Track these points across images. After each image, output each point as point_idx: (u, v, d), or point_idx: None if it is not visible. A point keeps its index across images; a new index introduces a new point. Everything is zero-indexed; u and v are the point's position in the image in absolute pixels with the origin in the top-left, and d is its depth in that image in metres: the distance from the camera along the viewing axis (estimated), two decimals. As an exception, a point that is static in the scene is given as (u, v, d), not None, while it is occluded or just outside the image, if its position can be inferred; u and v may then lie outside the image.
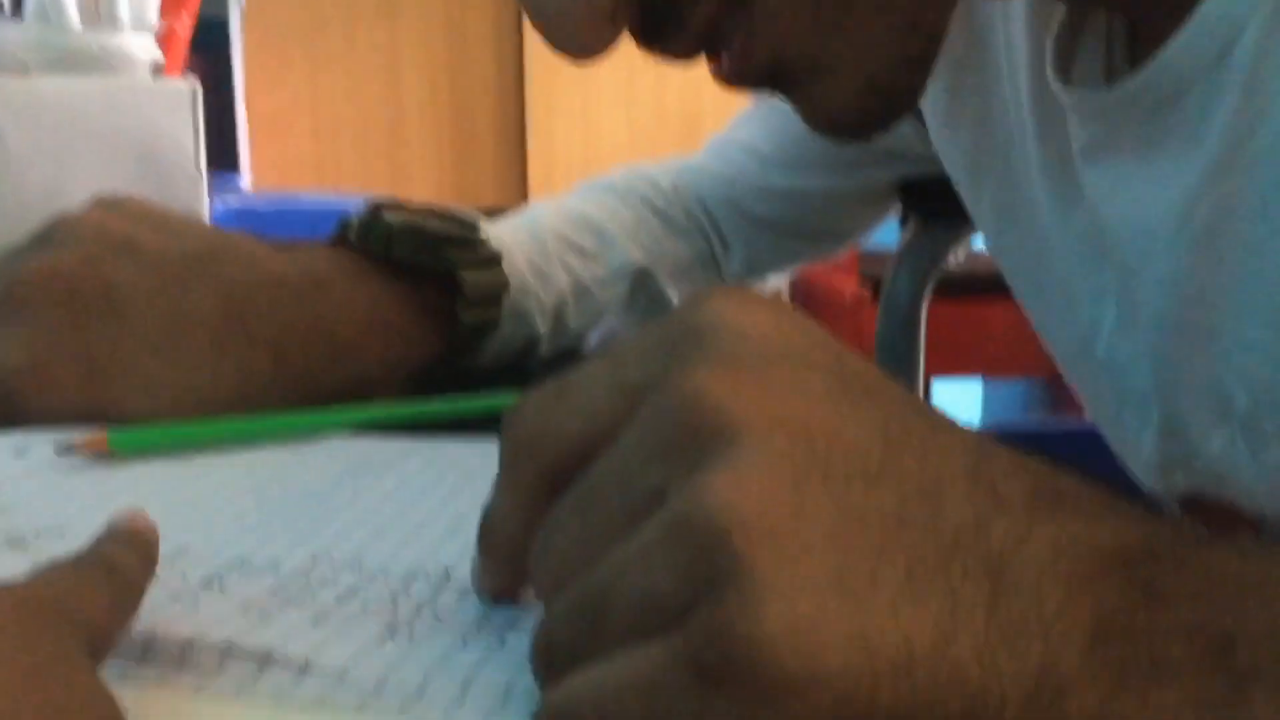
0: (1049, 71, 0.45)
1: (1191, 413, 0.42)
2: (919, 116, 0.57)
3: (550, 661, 0.25)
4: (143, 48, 0.66)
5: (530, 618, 0.31)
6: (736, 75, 0.41)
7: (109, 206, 0.52)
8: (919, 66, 0.41)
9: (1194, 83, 0.38)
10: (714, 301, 0.27)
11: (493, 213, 0.69)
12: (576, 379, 0.28)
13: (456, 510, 0.39)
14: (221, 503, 0.40)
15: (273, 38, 3.18)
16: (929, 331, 0.84)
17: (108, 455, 0.43)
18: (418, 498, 0.40)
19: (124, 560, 0.28)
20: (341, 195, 2.16)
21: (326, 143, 3.24)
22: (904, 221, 0.85)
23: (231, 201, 1.65)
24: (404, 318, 0.56)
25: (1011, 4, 0.47)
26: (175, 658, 0.28)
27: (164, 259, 0.50)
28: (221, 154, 3.29)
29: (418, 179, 3.13)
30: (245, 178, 3.24)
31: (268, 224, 1.63)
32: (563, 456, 0.28)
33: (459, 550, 0.35)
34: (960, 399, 2.60)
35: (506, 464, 0.29)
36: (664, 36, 0.40)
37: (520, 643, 0.29)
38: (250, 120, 3.27)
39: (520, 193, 2.88)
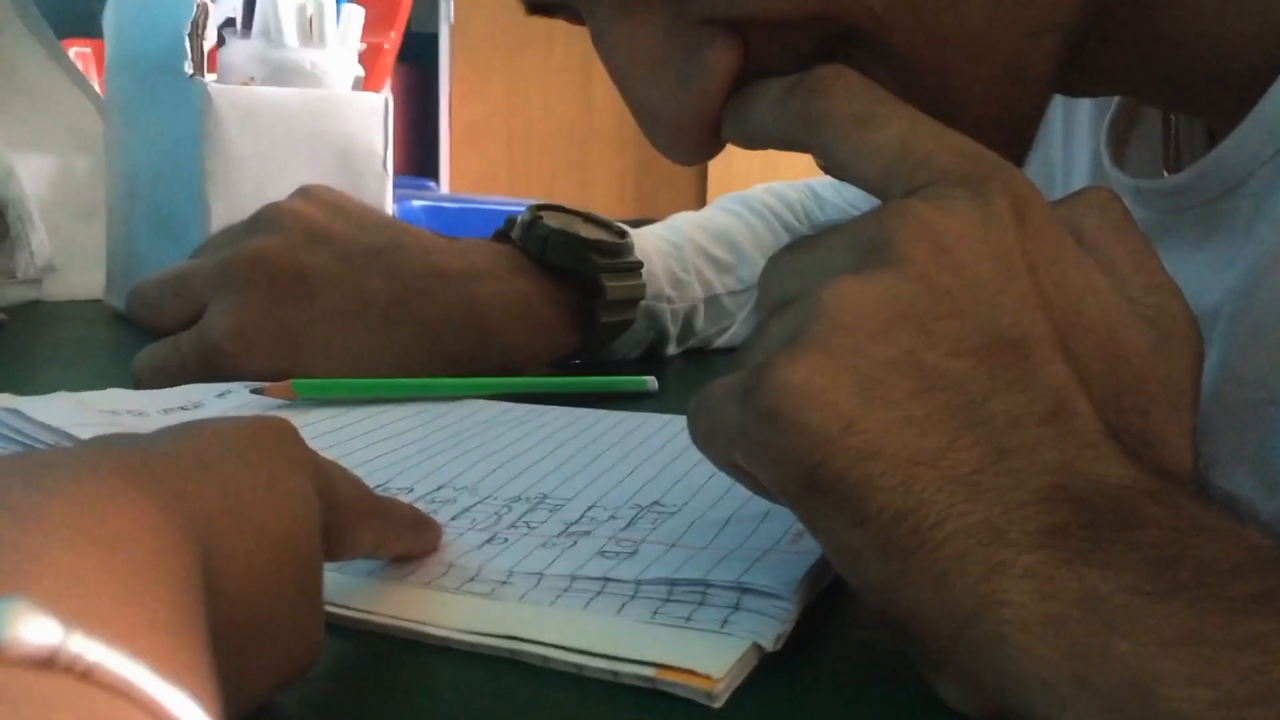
0: (1104, 156, 0.48)
1: (1235, 486, 0.42)
2: None
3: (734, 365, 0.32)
4: (347, 64, 0.76)
5: (601, 527, 0.39)
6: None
7: (309, 196, 0.61)
8: (1019, 161, 0.42)
9: (1250, 176, 0.41)
10: (1005, 184, 0.31)
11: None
12: (889, 124, 0.33)
13: (563, 456, 0.47)
14: (377, 441, 0.48)
15: (477, 53, 3.34)
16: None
17: (293, 399, 0.52)
18: (532, 446, 0.49)
19: (393, 503, 0.35)
20: (524, 200, 2.28)
21: (519, 153, 3.37)
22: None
23: (421, 202, 1.78)
24: (549, 313, 0.64)
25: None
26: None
27: (351, 248, 0.59)
28: (424, 160, 3.48)
29: (601, 191, 3.23)
30: (443, 182, 3.41)
31: (450, 221, 1.76)
32: (828, 158, 0.34)
33: (556, 483, 0.43)
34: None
35: (806, 98, 0.34)
36: None
37: (589, 546, 0.37)
38: (452, 129, 3.44)
39: (699, 207, 2.95)
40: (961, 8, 0.36)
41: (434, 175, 3.39)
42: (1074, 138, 0.52)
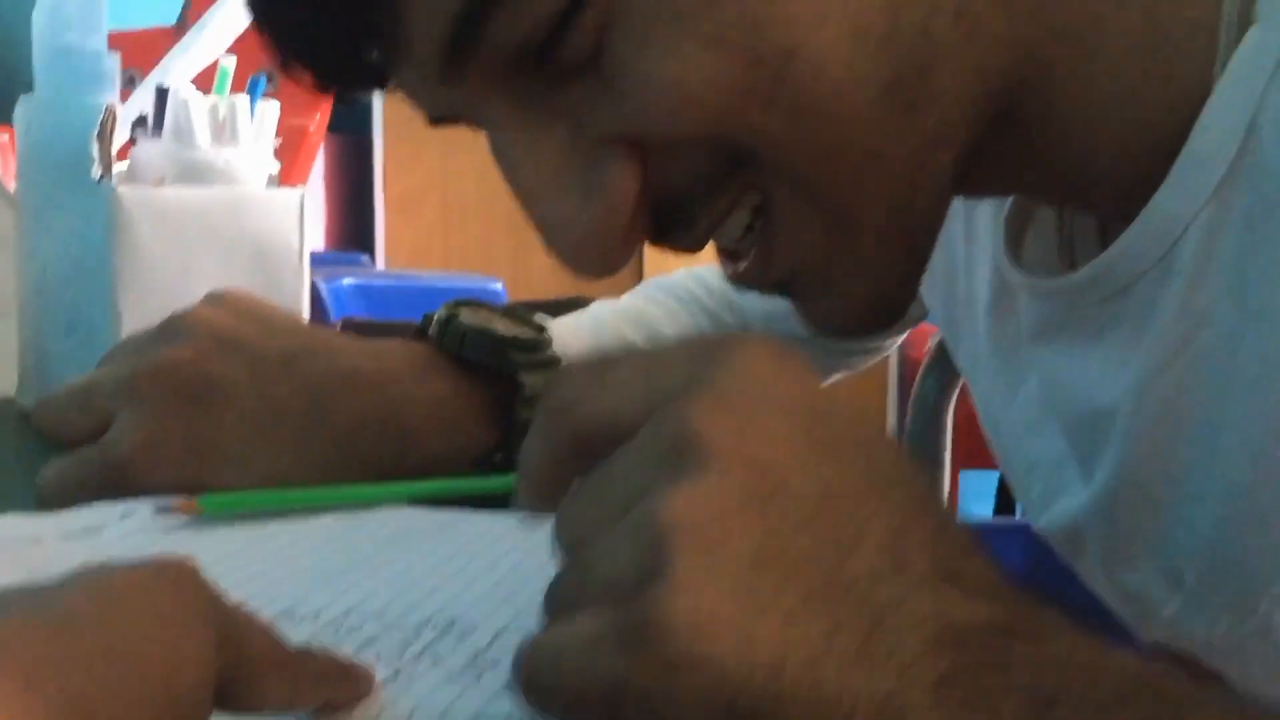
0: (1001, 253, 0.49)
1: (1141, 580, 0.45)
2: None
3: (551, 610, 0.31)
4: (262, 161, 0.75)
5: (506, 659, 0.37)
6: (751, 282, 0.43)
7: (219, 302, 0.60)
8: (918, 275, 0.43)
9: (1141, 277, 0.41)
10: (746, 346, 0.31)
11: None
12: (619, 367, 0.32)
13: (476, 570, 0.46)
14: (286, 560, 0.47)
15: (411, 122, 3.34)
16: (959, 424, 0.89)
17: (198, 516, 0.51)
18: (445, 559, 0.48)
19: (311, 655, 0.33)
20: (457, 275, 2.28)
21: (455, 223, 3.38)
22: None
23: (351, 280, 1.77)
24: (466, 412, 0.63)
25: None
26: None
27: (262, 355, 0.58)
28: (358, 232, 3.46)
29: (537, 263, 3.23)
30: (379, 254, 3.40)
31: (382, 300, 1.75)
32: (588, 430, 0.32)
33: (468, 603, 0.42)
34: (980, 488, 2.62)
35: (545, 416, 0.33)
36: (674, 235, 0.41)
37: (494, 680, 0.36)
38: (386, 199, 3.44)
39: (635, 281, 2.96)
40: (857, 125, 0.37)
41: (369, 247, 3.38)
42: (975, 237, 0.53)
